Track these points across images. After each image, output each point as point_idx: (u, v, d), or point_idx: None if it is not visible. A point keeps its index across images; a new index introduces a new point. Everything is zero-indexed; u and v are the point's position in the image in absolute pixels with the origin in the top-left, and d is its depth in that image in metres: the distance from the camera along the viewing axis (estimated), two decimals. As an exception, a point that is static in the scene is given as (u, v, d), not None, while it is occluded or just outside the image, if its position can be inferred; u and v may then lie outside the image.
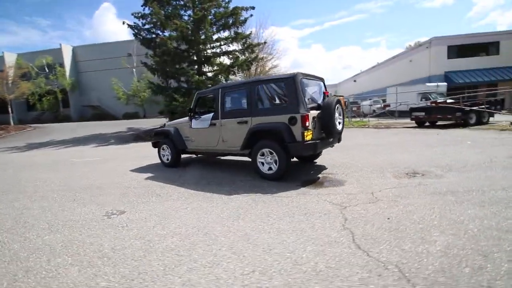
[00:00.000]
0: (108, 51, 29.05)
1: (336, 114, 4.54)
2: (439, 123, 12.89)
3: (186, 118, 5.97)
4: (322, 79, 5.15)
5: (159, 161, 6.96)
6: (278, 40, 20.22)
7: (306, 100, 4.29)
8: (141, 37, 16.52)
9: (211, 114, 5.40)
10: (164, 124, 6.75)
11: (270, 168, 4.49)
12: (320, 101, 4.74)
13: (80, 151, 10.95)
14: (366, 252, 2.18)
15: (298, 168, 5.29)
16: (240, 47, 18.35)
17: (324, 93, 4.85)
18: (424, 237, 2.37)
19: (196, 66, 17.61)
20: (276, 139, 4.41)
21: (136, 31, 16.35)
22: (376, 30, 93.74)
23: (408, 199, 3.33)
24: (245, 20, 17.20)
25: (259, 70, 24.40)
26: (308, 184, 4.23)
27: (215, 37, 17.05)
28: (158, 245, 2.51)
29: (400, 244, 2.28)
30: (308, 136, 4.14)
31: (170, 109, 15.61)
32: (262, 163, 4.57)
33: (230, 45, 18.13)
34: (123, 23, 15.90)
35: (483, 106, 11.53)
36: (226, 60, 18.52)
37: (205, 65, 17.78)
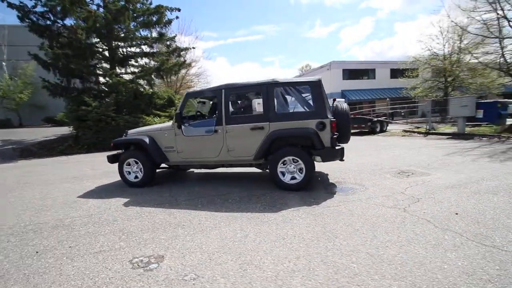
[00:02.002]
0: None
1: None
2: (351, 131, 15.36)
3: (168, 124, 4.81)
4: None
5: (108, 181, 5.41)
6: (189, 48, 19.04)
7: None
8: (31, 22, 12.59)
9: (210, 119, 4.54)
10: (126, 132, 5.19)
11: (293, 178, 4.11)
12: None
13: None
14: (497, 248, 2.22)
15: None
16: (165, 49, 16.83)
17: (333, 99, 4.89)
18: (505, 224, 2.65)
19: (108, 65, 14.85)
20: (300, 146, 4.10)
21: (22, 13, 12.33)
22: (272, 51, 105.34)
23: (438, 194, 3.69)
24: (170, 21, 15.92)
25: (179, 76, 22.88)
26: (334, 191, 4.10)
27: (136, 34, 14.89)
28: (287, 293, 1.79)
29: (502, 234, 2.45)
30: (336, 141, 4.04)
31: (77, 116, 12.40)
32: (283, 173, 4.14)
33: (154, 46, 16.35)
34: (3, 0, 11.70)
35: (384, 117, 14.55)
36: (144, 62, 16.45)
37: (122, 65, 15.26)
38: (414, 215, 3.02)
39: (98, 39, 14.20)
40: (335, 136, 3.99)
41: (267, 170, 4.74)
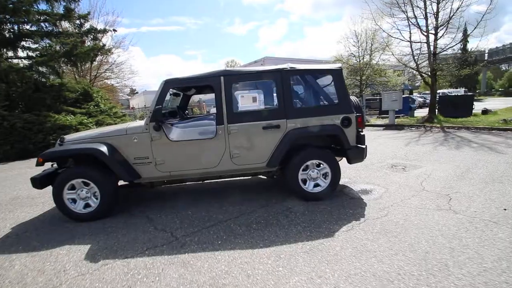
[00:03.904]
0: None
1: None
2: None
3: (136, 125, 3.35)
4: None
5: (28, 214, 3.72)
6: (109, 30, 15.56)
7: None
8: None
9: (204, 117, 3.35)
10: (62, 138, 3.38)
11: (316, 185, 3.41)
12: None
13: None
14: None
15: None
16: (73, 29, 13.53)
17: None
18: None
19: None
20: (325, 146, 3.43)
21: None
22: (193, 44, 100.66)
23: (456, 188, 3.62)
24: (81, -5, 12.76)
25: (94, 64, 18.98)
26: (357, 196, 3.61)
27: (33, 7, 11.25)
28: None
29: None
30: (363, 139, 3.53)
31: None
32: (304, 180, 3.40)
33: (59, 25, 12.86)
34: None
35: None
36: (47, 44, 12.78)
37: (13, 47, 11.41)
38: (472, 216, 2.76)
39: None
40: (362, 133, 3.47)
41: (274, 177, 3.93)
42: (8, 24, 11.02)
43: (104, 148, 3.12)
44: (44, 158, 3.13)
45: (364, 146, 3.48)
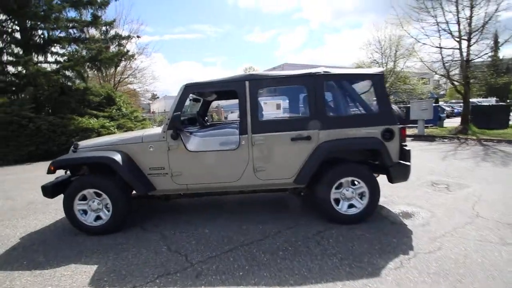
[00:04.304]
0: None
1: None
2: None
3: (154, 132, 3.10)
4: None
5: (39, 222, 3.47)
6: (133, 37, 16.06)
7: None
8: None
9: (225, 126, 3.06)
10: (75, 145, 3.20)
11: (351, 206, 2.98)
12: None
13: None
14: None
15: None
16: (100, 36, 13.90)
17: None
18: None
19: (21, 50, 11.25)
20: (361, 162, 3.01)
21: None
22: (214, 51, 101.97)
23: (520, 216, 3.06)
24: (107, 3, 13.15)
25: (118, 69, 19.49)
26: (398, 220, 3.13)
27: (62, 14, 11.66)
28: None
29: None
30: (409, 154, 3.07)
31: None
32: (337, 200, 2.97)
33: (86, 31, 13.27)
34: None
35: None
36: (74, 49, 13.14)
37: (43, 52, 11.84)
38: (553, 257, 2.23)
39: (7, 16, 10.61)
40: (407, 148, 3.01)
41: (302, 194, 3.54)
42: (39, 30, 11.46)
43: (118, 157, 2.87)
44: (55, 166, 2.93)
45: (409, 164, 3.01)
